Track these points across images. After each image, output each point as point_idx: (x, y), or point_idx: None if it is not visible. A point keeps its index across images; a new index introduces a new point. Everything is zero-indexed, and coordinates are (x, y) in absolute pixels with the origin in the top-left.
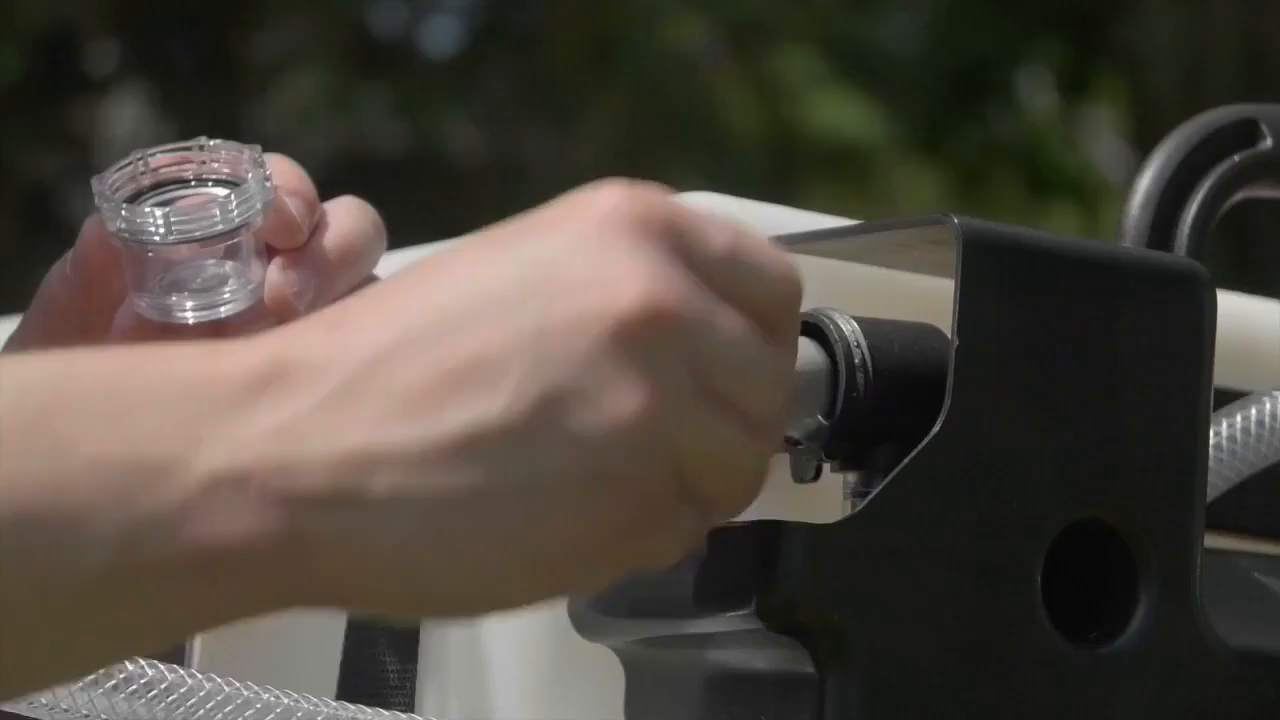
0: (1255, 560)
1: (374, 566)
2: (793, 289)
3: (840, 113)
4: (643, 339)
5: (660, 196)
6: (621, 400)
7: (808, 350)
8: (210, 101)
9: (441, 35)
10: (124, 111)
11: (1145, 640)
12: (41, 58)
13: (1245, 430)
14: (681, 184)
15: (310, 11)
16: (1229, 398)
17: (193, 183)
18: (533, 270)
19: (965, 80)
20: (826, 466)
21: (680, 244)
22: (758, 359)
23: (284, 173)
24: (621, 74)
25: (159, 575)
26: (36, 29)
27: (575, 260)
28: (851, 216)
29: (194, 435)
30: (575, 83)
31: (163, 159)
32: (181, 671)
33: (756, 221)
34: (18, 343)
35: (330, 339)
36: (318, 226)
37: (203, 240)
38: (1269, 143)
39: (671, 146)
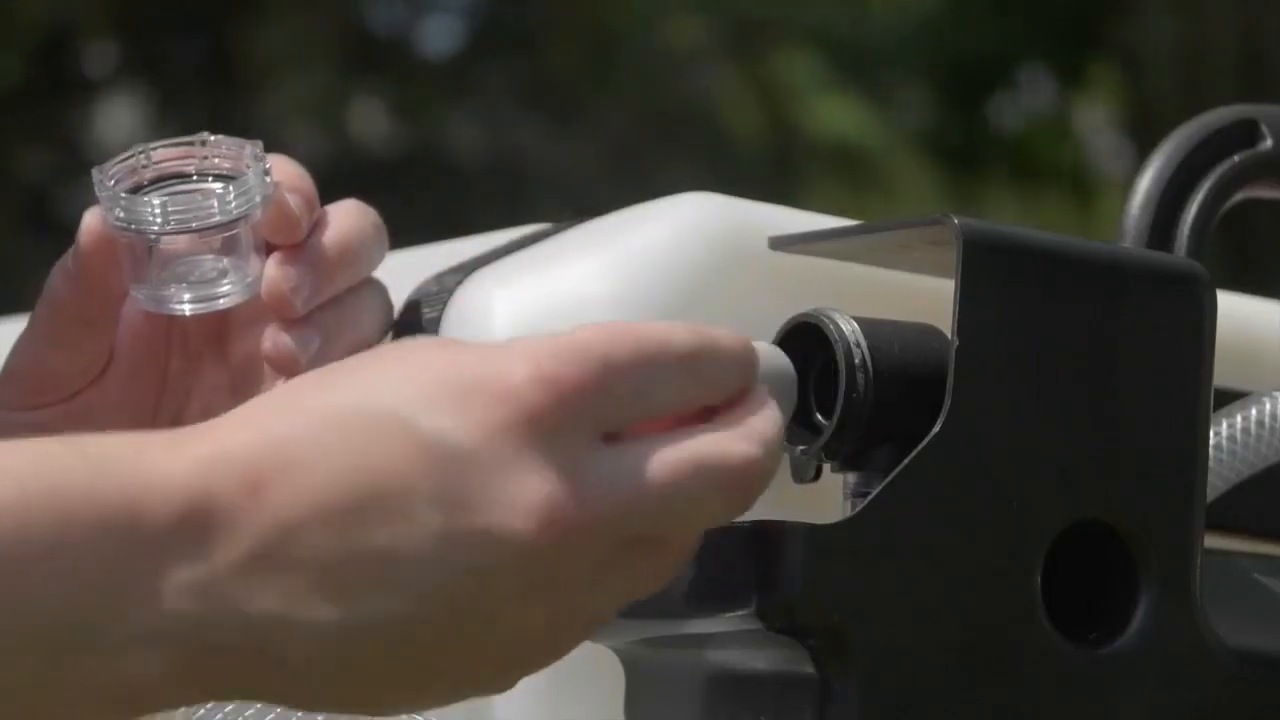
0: (1255, 560)
1: (295, 705)
2: (720, 379)
3: (839, 110)
4: (545, 558)
5: (568, 367)
6: (527, 613)
7: (773, 358)
8: (209, 102)
9: (441, 35)
10: (123, 112)
11: (1145, 640)
12: (41, 58)
13: (1245, 430)
14: (681, 184)
15: (309, 11)
16: (1229, 398)
17: (194, 177)
18: (442, 469)
19: (964, 78)
20: (826, 466)
21: (592, 410)
22: (700, 491)
23: (285, 170)
24: (621, 73)
25: (87, 709)
26: (36, 30)
27: (483, 468)
28: (851, 213)
29: (118, 595)
30: (575, 82)
31: (164, 153)
32: None
33: (757, 222)
34: (26, 342)
35: (248, 499)
36: (317, 224)
37: (199, 231)
38: (1269, 143)
39: (671, 146)
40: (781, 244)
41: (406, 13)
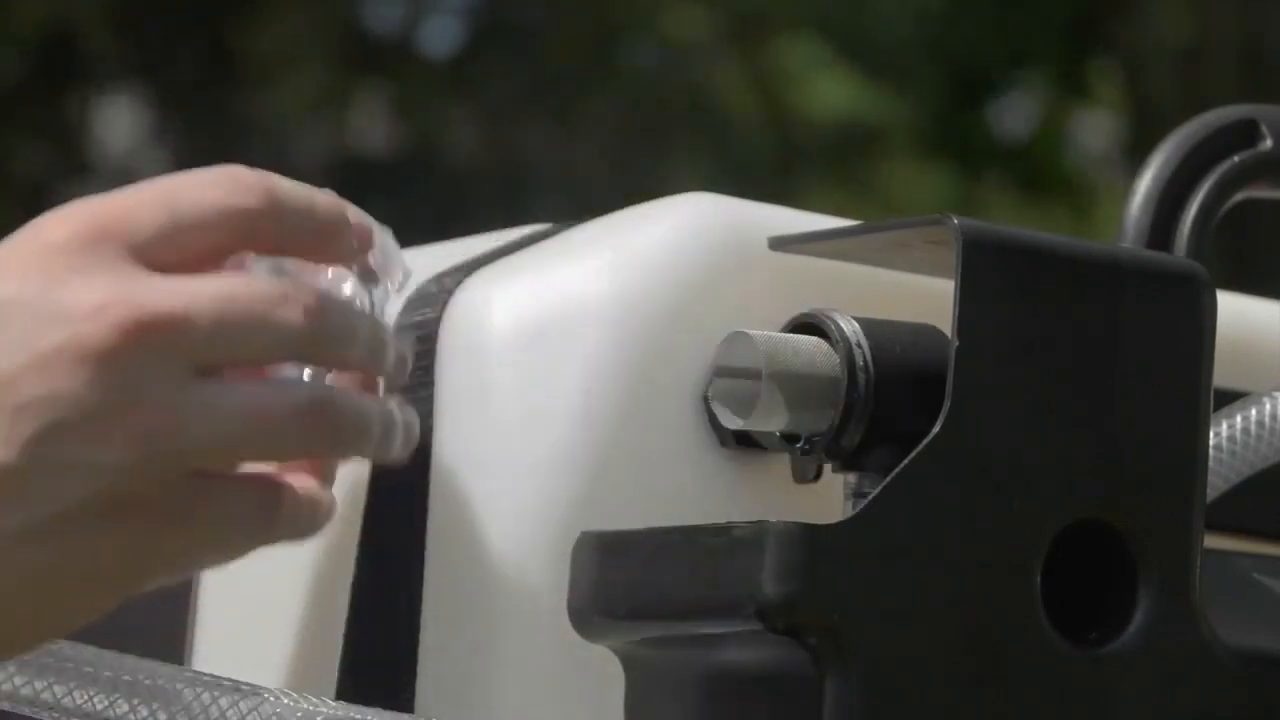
0: (1255, 560)
1: None
2: (235, 187)
3: (840, 100)
4: (108, 359)
5: (89, 205)
6: (106, 424)
7: (820, 352)
8: (209, 101)
9: (440, 34)
10: (123, 111)
11: (1145, 640)
12: (41, 57)
13: (1245, 430)
14: (681, 179)
15: (309, 10)
16: (1229, 398)
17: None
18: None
19: (963, 77)
20: (827, 466)
21: (117, 238)
22: (246, 313)
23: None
24: (621, 71)
25: None
26: (36, 29)
27: (33, 302)
28: (851, 214)
29: None
30: (574, 82)
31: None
32: (180, 671)
33: (757, 222)
34: None
35: None
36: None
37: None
38: (1269, 143)
39: (672, 144)
40: (782, 244)
41: (406, 12)
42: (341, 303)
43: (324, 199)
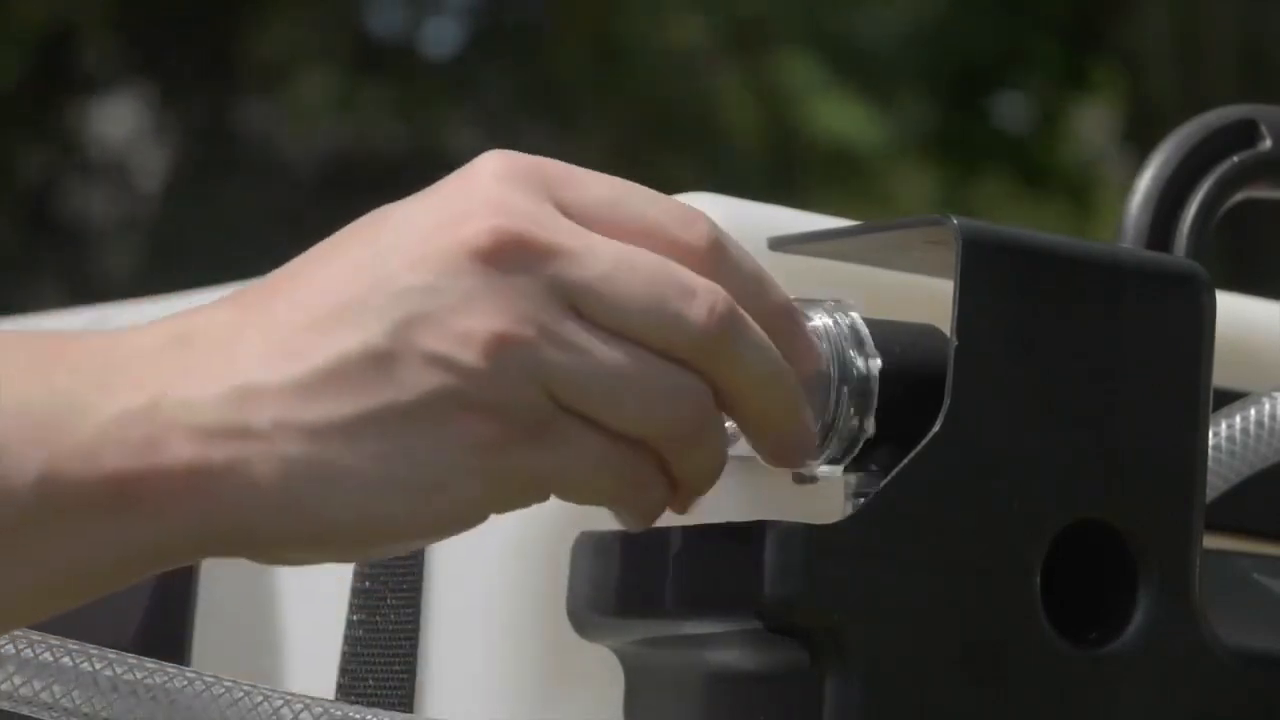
0: (1255, 560)
1: (266, 495)
2: (688, 217)
3: (840, 115)
4: (493, 265)
5: (540, 158)
6: (474, 323)
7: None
8: (210, 102)
9: (442, 36)
10: (123, 112)
11: (1145, 640)
12: (41, 57)
13: (1245, 430)
14: (681, 185)
15: (311, 12)
16: (1229, 398)
17: None
18: (401, 225)
19: (964, 80)
20: None
21: (550, 187)
22: (646, 280)
23: None
24: (622, 75)
25: (77, 509)
26: (36, 29)
27: (436, 208)
28: (851, 216)
29: (107, 383)
30: (575, 84)
31: None
32: (180, 671)
33: (757, 222)
34: None
35: (228, 312)
36: None
37: None
38: (1269, 143)
39: (672, 148)
40: (781, 244)
41: (408, 14)
42: (748, 323)
43: (774, 287)
